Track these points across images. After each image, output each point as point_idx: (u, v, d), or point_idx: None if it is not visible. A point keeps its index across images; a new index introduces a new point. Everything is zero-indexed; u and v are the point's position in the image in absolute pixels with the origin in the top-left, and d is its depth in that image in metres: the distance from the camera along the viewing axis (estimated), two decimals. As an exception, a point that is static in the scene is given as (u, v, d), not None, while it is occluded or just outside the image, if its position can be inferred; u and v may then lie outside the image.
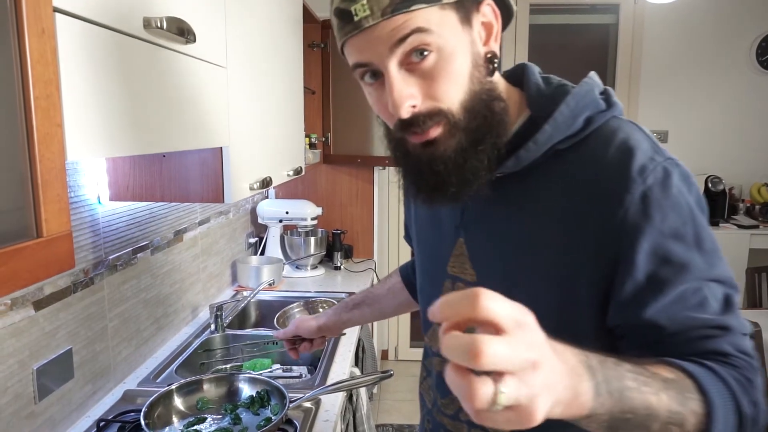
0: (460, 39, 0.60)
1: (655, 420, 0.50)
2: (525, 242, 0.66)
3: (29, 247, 0.56)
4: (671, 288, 0.57)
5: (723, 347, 0.57)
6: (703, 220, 0.61)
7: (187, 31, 0.89)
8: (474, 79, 0.61)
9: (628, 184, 0.58)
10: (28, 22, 0.55)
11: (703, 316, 0.57)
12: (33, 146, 0.57)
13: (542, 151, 0.64)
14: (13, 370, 0.99)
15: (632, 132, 0.63)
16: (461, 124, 0.61)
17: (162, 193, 1.24)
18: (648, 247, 0.58)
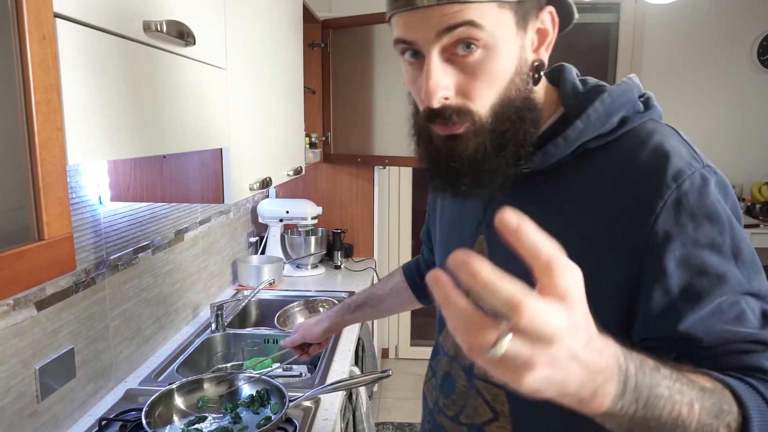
0: (510, 41, 0.59)
1: (683, 430, 0.47)
2: None
3: (31, 250, 0.57)
4: (708, 300, 0.55)
5: (763, 363, 0.54)
6: (741, 231, 0.58)
7: (186, 34, 0.90)
8: (513, 85, 0.60)
9: (661, 188, 0.56)
10: (29, 28, 0.56)
11: (742, 329, 0.54)
12: (34, 150, 0.57)
13: (572, 148, 0.62)
14: (16, 370, 1.00)
15: (669, 136, 0.61)
16: (488, 127, 0.60)
17: (163, 194, 1.25)
18: (680, 256, 0.55)
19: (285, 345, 1.14)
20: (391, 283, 1.10)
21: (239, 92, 1.24)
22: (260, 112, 1.43)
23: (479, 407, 0.70)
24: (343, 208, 2.72)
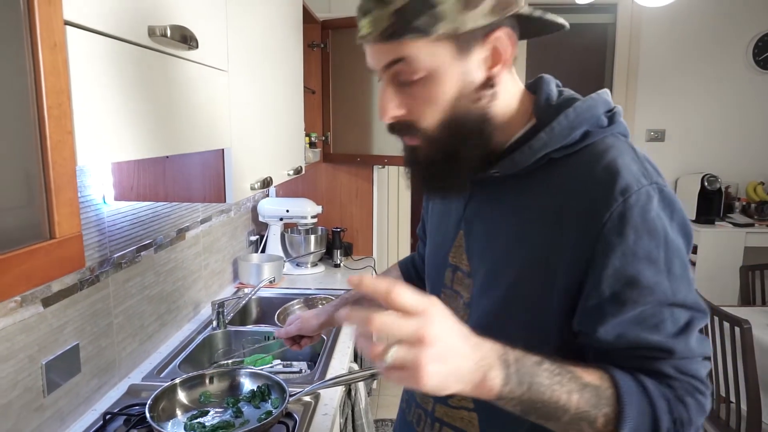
0: (450, 70, 0.64)
1: (564, 413, 0.58)
2: (513, 239, 0.69)
3: (43, 248, 0.60)
4: (631, 307, 0.61)
5: (663, 368, 0.62)
6: (679, 244, 0.62)
7: (189, 38, 0.93)
8: (459, 105, 0.66)
9: (609, 202, 0.61)
10: (41, 36, 0.58)
11: (654, 338, 0.61)
12: (46, 153, 0.60)
13: (537, 157, 0.67)
14: (23, 365, 1.03)
15: (624, 153, 0.65)
16: (437, 139, 0.67)
17: (165, 193, 1.28)
18: (618, 264, 0.60)
19: (279, 335, 1.17)
20: (388, 278, 1.13)
21: (240, 93, 1.27)
22: (261, 112, 1.45)
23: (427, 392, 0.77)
24: (342, 207, 2.74)
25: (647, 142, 3.33)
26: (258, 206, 2.42)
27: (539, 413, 0.58)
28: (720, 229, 3.00)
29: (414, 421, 0.84)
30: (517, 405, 0.57)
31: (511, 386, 0.55)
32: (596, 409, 0.59)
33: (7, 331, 0.99)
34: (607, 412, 0.59)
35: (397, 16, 0.62)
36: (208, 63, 1.06)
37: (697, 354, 0.63)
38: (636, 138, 3.32)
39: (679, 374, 0.62)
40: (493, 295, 0.71)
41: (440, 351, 0.50)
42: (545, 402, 0.57)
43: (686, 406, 0.61)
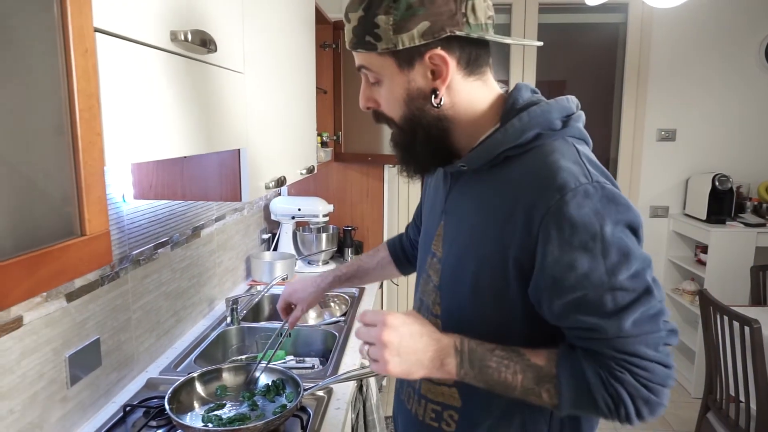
0: (395, 78, 0.78)
1: (513, 389, 0.73)
2: (477, 231, 0.79)
3: (75, 245, 0.63)
4: (570, 292, 0.69)
5: (598, 348, 0.70)
6: (618, 235, 0.68)
7: (209, 41, 0.96)
8: (412, 107, 0.79)
9: (548, 197, 0.69)
10: (74, 42, 0.61)
11: (587, 319, 0.69)
12: (78, 154, 0.63)
13: (493, 155, 0.77)
14: (48, 357, 1.06)
15: (567, 154, 0.73)
16: (403, 130, 0.82)
17: (183, 192, 1.31)
18: (556, 254, 0.69)
19: (293, 326, 1.27)
20: (377, 257, 1.26)
21: (256, 94, 1.29)
22: (275, 112, 1.48)
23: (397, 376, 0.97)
24: (353, 205, 2.77)
25: (658, 142, 3.32)
26: (270, 205, 2.45)
27: (496, 389, 0.74)
28: (731, 229, 2.99)
29: (406, 399, 0.95)
30: (476, 383, 0.74)
31: (465, 369, 0.73)
32: (539, 386, 0.72)
33: (33, 325, 1.02)
34: (548, 388, 0.72)
35: (353, 32, 0.78)
36: (225, 65, 1.09)
37: (635, 334, 0.68)
38: (646, 138, 3.32)
39: (615, 353, 0.69)
40: (461, 281, 0.81)
41: (398, 347, 0.72)
42: (495, 381, 0.73)
43: (622, 383, 0.69)
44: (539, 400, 0.73)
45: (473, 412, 0.83)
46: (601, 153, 3.52)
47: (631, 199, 3.39)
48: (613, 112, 3.44)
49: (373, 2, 0.74)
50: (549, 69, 3.39)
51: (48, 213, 0.60)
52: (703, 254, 3.17)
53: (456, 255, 0.83)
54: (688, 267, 3.20)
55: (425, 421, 0.89)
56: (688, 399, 3.08)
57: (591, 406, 0.70)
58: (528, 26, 3.22)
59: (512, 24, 3.22)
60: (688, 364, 3.25)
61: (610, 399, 0.69)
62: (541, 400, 0.73)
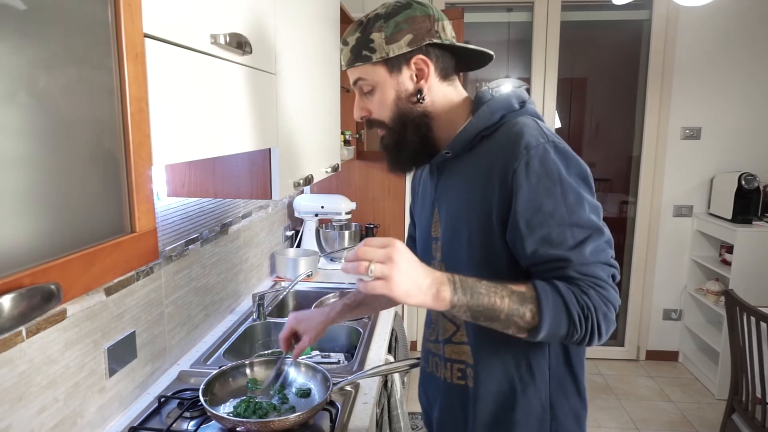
0: (387, 82, 0.95)
1: (500, 312, 0.82)
2: (465, 202, 0.94)
3: (126, 241, 0.66)
4: (539, 230, 0.84)
5: (568, 273, 0.84)
6: (572, 183, 0.85)
7: (244, 44, 0.98)
8: (400, 104, 0.96)
9: (517, 155, 0.86)
10: (126, 48, 0.64)
11: (555, 252, 0.84)
12: (129, 154, 0.66)
13: (471, 137, 0.94)
14: (88, 349, 1.10)
15: (527, 124, 0.90)
16: (395, 130, 0.97)
17: (215, 190, 1.34)
18: (526, 198, 0.85)
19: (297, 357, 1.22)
20: None
21: (286, 94, 1.32)
22: (303, 112, 1.51)
23: (446, 325, 1.02)
24: (375, 203, 2.79)
25: (682, 140, 3.28)
26: (294, 202, 2.49)
27: (483, 315, 0.82)
28: (757, 228, 2.94)
29: (433, 369, 1.06)
30: (466, 311, 0.82)
31: (458, 296, 0.81)
32: (523, 307, 0.82)
33: (76, 317, 1.06)
34: (531, 308, 0.82)
35: (352, 51, 0.95)
36: (258, 67, 1.11)
37: (593, 261, 0.84)
38: (670, 136, 3.28)
39: (580, 275, 0.83)
40: (457, 249, 0.96)
41: (403, 268, 0.77)
42: (485, 305, 0.82)
43: (589, 296, 0.83)
44: (522, 320, 0.82)
45: (486, 366, 0.96)
46: (624, 150, 3.49)
47: (654, 197, 3.36)
48: (636, 110, 3.41)
49: (368, 25, 0.94)
50: (571, 67, 3.37)
51: (101, 211, 0.63)
52: (728, 254, 3.12)
53: (451, 228, 0.98)
54: (713, 267, 3.16)
55: (453, 381, 1.01)
56: (712, 400, 3.05)
57: (565, 321, 0.82)
58: (550, 24, 3.20)
59: (534, 22, 3.21)
60: (712, 365, 3.21)
61: (581, 311, 0.82)
62: (523, 321, 0.82)
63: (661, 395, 3.12)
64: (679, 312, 3.48)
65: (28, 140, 0.50)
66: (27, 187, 0.51)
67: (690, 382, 3.27)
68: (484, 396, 0.97)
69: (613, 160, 3.54)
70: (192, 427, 1.14)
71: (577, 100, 3.51)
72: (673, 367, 3.47)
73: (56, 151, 0.54)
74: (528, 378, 0.94)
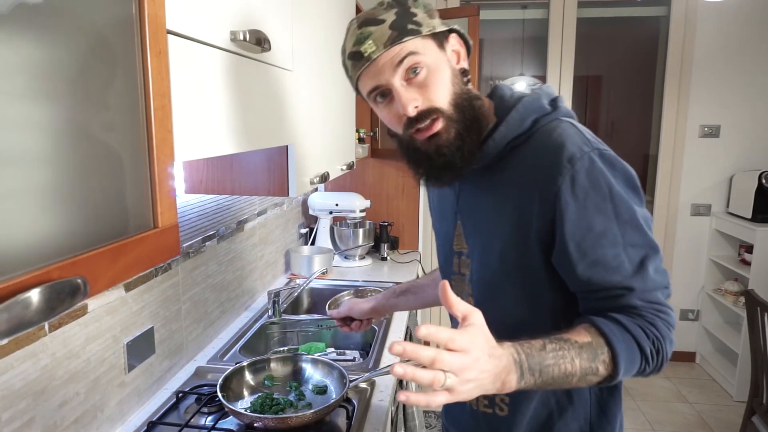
0: (439, 57, 0.83)
1: (573, 377, 0.72)
2: (496, 216, 0.85)
3: (149, 237, 0.66)
4: (591, 253, 0.76)
5: (632, 302, 0.76)
6: (623, 196, 0.76)
7: (264, 40, 0.98)
8: (455, 85, 0.83)
9: (560, 169, 0.76)
10: (150, 44, 0.64)
11: (614, 278, 0.75)
12: (152, 150, 0.66)
13: (501, 146, 0.84)
14: (108, 344, 1.12)
15: (566, 129, 0.80)
16: (454, 117, 0.82)
17: (232, 187, 1.35)
18: (575, 218, 0.76)
19: (332, 315, 1.29)
20: (432, 275, 1.24)
21: (303, 91, 1.32)
22: (319, 109, 1.51)
23: None
24: (389, 201, 2.79)
25: (701, 138, 3.23)
26: (308, 200, 2.49)
27: (554, 385, 0.72)
28: (778, 228, 2.89)
29: None
30: (533, 387, 0.71)
31: (525, 380, 0.69)
32: (596, 362, 0.72)
33: (96, 313, 1.08)
34: (604, 359, 0.73)
35: (393, 27, 0.81)
36: (277, 63, 1.11)
37: (656, 286, 0.76)
38: (689, 134, 3.23)
39: (644, 303, 0.76)
40: (488, 266, 0.87)
41: (473, 376, 0.63)
42: (556, 377, 0.71)
43: (656, 326, 0.75)
44: (596, 376, 0.73)
45: (520, 393, 0.83)
46: (640, 149, 3.45)
47: (671, 196, 3.32)
48: (654, 108, 3.36)
49: (400, 1, 0.84)
50: (587, 64, 3.34)
51: (125, 207, 0.63)
52: (747, 254, 3.08)
53: (481, 246, 0.89)
54: (731, 267, 3.11)
55: (479, 409, 0.94)
56: (730, 402, 3.01)
57: (638, 360, 0.74)
58: (566, 21, 3.17)
59: (550, 19, 3.18)
60: (730, 367, 3.16)
61: (652, 345, 0.74)
62: (597, 376, 0.73)
63: (678, 397, 3.09)
64: (697, 312, 3.44)
65: (53, 137, 0.51)
66: (53, 183, 0.51)
67: (707, 384, 3.23)
68: (519, 424, 0.89)
69: (629, 159, 3.45)
70: (210, 422, 1.15)
71: (592, 98, 3.48)
72: (690, 368, 3.43)
73: (80, 147, 0.55)
74: (565, 401, 0.87)
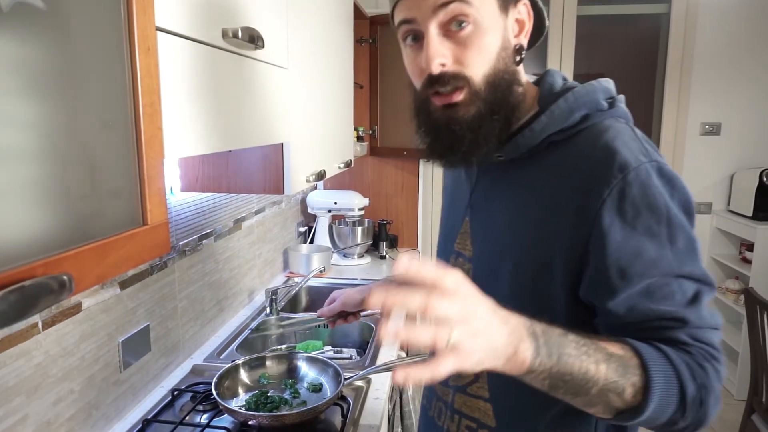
0: (495, 20, 0.69)
1: (593, 385, 0.57)
2: (515, 221, 0.72)
3: (138, 234, 0.66)
4: (638, 280, 0.62)
5: (679, 336, 0.62)
6: (682, 219, 0.63)
7: (257, 38, 0.98)
8: (500, 59, 0.70)
9: (607, 179, 0.63)
10: (138, 41, 0.64)
11: (664, 308, 0.62)
12: (141, 147, 0.66)
13: (539, 140, 0.71)
14: (103, 342, 1.12)
15: (622, 132, 0.67)
16: (482, 94, 0.69)
17: (228, 185, 1.35)
18: (619, 239, 0.62)
19: (323, 314, 1.13)
20: None
21: (298, 89, 1.32)
22: (316, 107, 1.51)
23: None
24: (388, 199, 2.79)
25: (702, 136, 3.22)
26: (307, 198, 2.49)
27: (568, 387, 0.57)
28: (778, 226, 2.88)
29: (435, 416, 0.86)
30: (546, 379, 0.56)
31: (541, 358, 0.55)
32: (624, 379, 0.58)
33: (91, 311, 1.08)
34: (634, 382, 0.58)
35: None
36: (271, 61, 1.11)
37: (710, 324, 0.63)
38: (690, 132, 3.22)
39: (694, 341, 0.62)
40: (496, 280, 0.73)
41: (478, 326, 0.50)
42: (574, 374, 0.56)
43: (706, 371, 0.61)
44: (618, 399, 0.58)
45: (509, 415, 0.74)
46: (640, 147, 3.44)
47: (672, 194, 3.30)
48: (654, 106, 3.35)
49: None
50: (587, 61, 3.33)
51: (115, 203, 0.63)
52: (748, 252, 3.06)
53: (489, 253, 0.76)
54: (732, 265, 3.10)
55: None
56: (731, 401, 3.00)
57: (674, 405, 0.59)
58: (566, 18, 3.16)
59: (550, 16, 3.17)
60: (731, 365, 3.15)
61: (697, 392, 0.59)
62: (620, 400, 0.58)
63: (678, 395, 3.08)
64: (697, 311, 3.43)
65: (40, 133, 0.51)
66: (41, 179, 0.51)
67: (708, 382, 3.22)
68: None
69: (629, 157, 3.48)
70: (204, 420, 1.15)
71: (593, 96, 3.46)
72: (691, 366, 3.42)
73: (68, 144, 0.55)
74: None
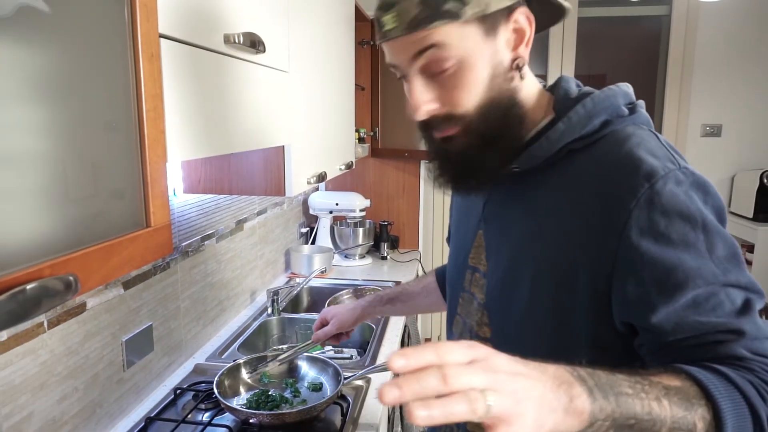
0: (480, 51, 0.64)
1: (661, 425, 0.49)
2: (533, 235, 0.68)
3: (141, 235, 0.68)
4: (681, 293, 0.57)
5: (737, 351, 0.55)
6: (716, 227, 0.59)
7: (258, 43, 1.00)
8: (493, 87, 0.66)
9: (635, 187, 0.59)
10: (142, 48, 0.66)
11: (714, 320, 0.56)
12: (144, 150, 0.68)
13: (555, 149, 0.66)
14: (107, 341, 1.13)
15: (648, 138, 0.63)
16: (475, 126, 0.66)
17: (230, 187, 1.37)
18: (654, 251, 0.57)
19: (318, 339, 1.16)
20: (423, 282, 1.13)
21: (299, 92, 1.34)
22: (317, 109, 1.52)
23: None
24: (389, 200, 2.80)
25: (702, 138, 3.23)
26: (309, 199, 2.51)
27: (634, 430, 0.49)
28: (779, 227, 2.89)
29: None
30: (610, 428, 0.47)
31: (599, 402, 0.46)
32: (691, 413, 0.50)
33: (95, 310, 1.09)
34: (702, 413, 0.51)
35: (424, 4, 0.62)
36: (272, 65, 1.13)
37: (766, 334, 0.57)
38: (690, 133, 3.23)
39: (754, 355, 0.55)
40: (514, 297, 0.70)
41: (515, 386, 0.42)
42: (638, 416, 0.48)
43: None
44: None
45: None
46: (641, 149, 3.44)
47: (673, 196, 3.31)
48: (655, 107, 3.36)
49: None
50: (588, 63, 3.34)
51: (117, 206, 0.65)
52: (749, 254, 3.07)
53: (506, 267, 0.72)
54: (733, 266, 3.10)
55: None
56: (731, 402, 3.00)
57: (751, 427, 0.52)
58: (567, 20, 3.17)
59: (551, 18, 3.18)
60: (731, 366, 3.16)
61: (766, 410, 0.53)
62: None
63: (679, 396, 3.08)
64: (698, 312, 3.43)
65: (47, 138, 0.52)
66: (47, 183, 0.53)
67: (708, 383, 3.22)
68: None
69: (630, 158, 3.49)
70: (206, 418, 1.16)
71: (594, 98, 3.47)
72: (692, 367, 3.42)
73: (74, 148, 0.56)
74: None
